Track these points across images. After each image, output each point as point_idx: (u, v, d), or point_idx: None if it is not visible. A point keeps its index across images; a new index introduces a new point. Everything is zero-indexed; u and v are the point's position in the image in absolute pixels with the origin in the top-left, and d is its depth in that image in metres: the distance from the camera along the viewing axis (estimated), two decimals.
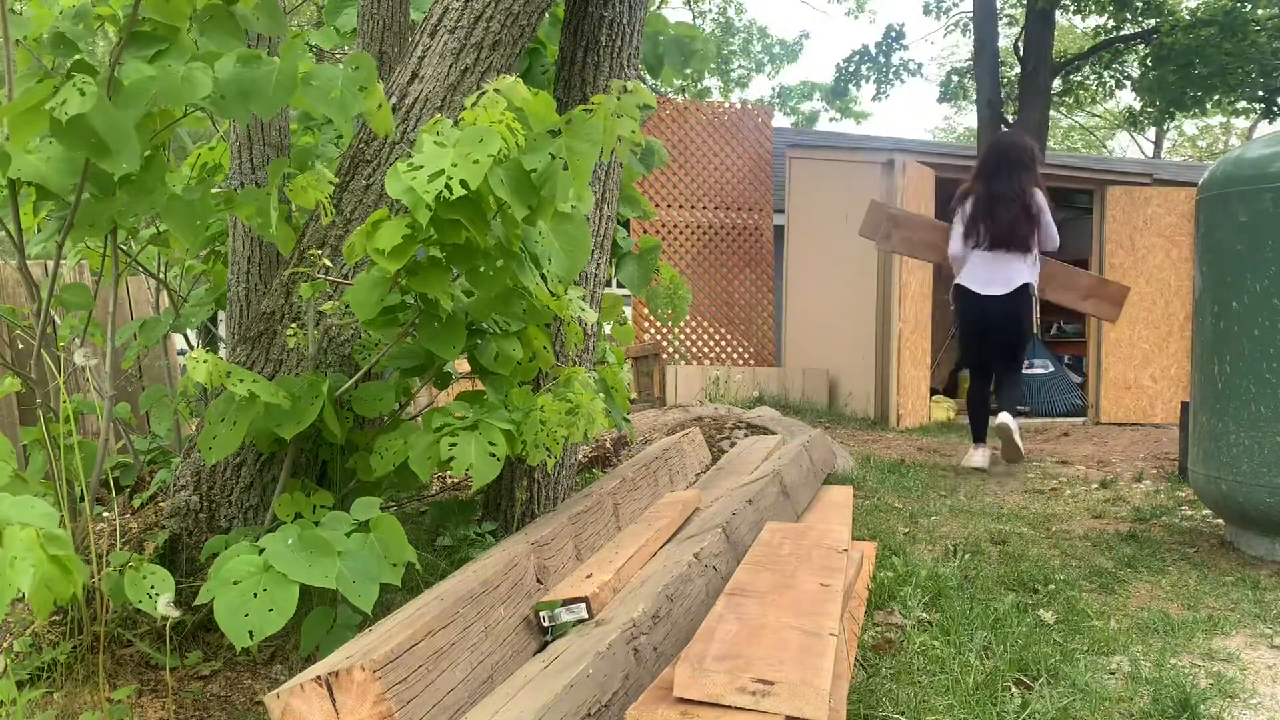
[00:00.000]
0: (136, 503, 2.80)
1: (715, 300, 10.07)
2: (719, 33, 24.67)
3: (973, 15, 12.45)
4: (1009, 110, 13.39)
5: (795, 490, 3.31)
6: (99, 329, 2.82)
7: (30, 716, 1.93)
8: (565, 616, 2.05)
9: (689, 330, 9.95)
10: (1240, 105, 12.62)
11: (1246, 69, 11.12)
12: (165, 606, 1.85)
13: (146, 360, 4.80)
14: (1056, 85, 13.86)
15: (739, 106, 10.65)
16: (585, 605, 2.05)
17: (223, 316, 3.18)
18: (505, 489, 2.99)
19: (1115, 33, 13.12)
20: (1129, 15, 12.48)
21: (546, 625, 2.06)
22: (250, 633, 1.75)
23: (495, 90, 2.05)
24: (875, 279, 7.84)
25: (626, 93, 2.12)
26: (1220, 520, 3.95)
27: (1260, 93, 11.77)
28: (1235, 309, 3.51)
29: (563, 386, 2.44)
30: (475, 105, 2.05)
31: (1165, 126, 24.21)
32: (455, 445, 2.20)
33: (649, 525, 2.71)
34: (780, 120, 26.20)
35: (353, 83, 2.16)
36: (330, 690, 1.52)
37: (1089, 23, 15.53)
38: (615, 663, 1.76)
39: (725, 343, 10.08)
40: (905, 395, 7.70)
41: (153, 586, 1.93)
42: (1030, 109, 11.63)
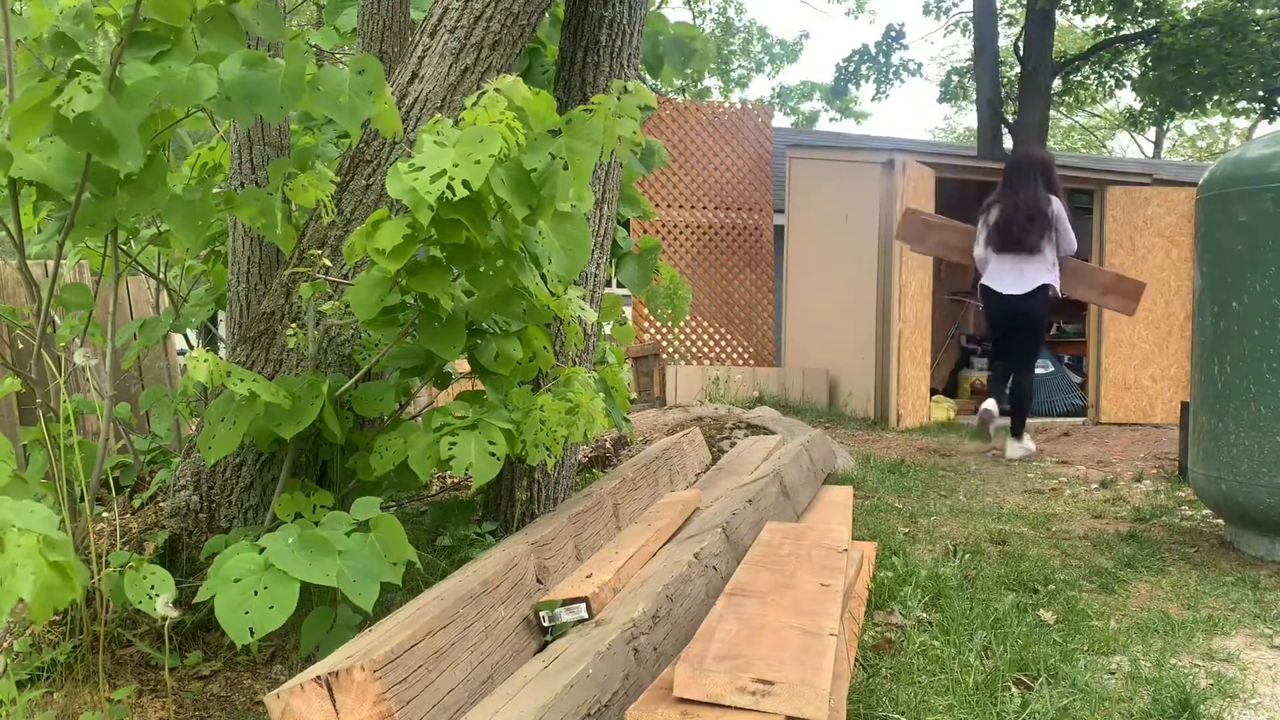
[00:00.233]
0: (136, 503, 2.81)
1: (715, 300, 10.07)
2: (719, 33, 24.67)
3: (973, 15, 12.47)
4: (1009, 110, 13.40)
5: (795, 490, 3.32)
6: (99, 329, 2.82)
7: (30, 716, 1.93)
8: (565, 616, 2.05)
9: (689, 330, 9.95)
10: (1240, 105, 12.63)
11: (1246, 69, 11.13)
12: (165, 606, 1.85)
13: (146, 360, 4.80)
14: (1056, 85, 13.86)
15: (739, 106, 10.65)
16: (585, 605, 2.05)
17: (223, 316, 3.18)
18: (505, 489, 2.99)
19: (1115, 33, 13.13)
20: (1129, 15, 12.49)
21: (546, 625, 2.06)
22: (251, 630, 1.75)
23: (496, 90, 2.05)
24: (875, 279, 7.84)
25: (627, 93, 2.12)
26: (1220, 520, 3.95)
27: (1260, 93, 11.78)
28: (1235, 309, 3.52)
29: (563, 386, 2.44)
30: (475, 105, 2.05)
31: (1165, 126, 24.22)
32: (455, 445, 2.20)
33: (649, 525, 2.72)
34: (780, 120, 26.21)
35: (360, 86, 2.16)
36: (330, 690, 1.52)
37: (1089, 23, 15.55)
38: (615, 663, 1.76)
39: (725, 343, 10.08)
40: (905, 395, 7.70)
41: (152, 586, 1.93)
42: (1030, 109, 11.64)
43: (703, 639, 1.73)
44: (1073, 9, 12.95)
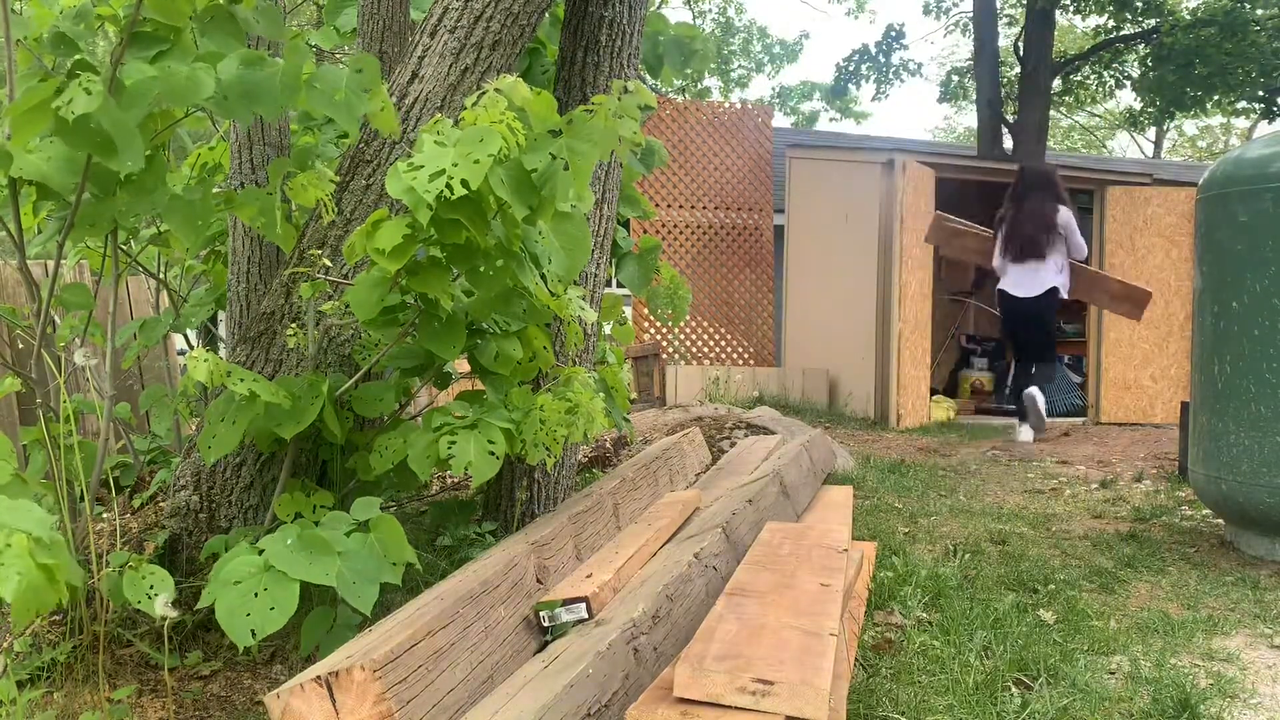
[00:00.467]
0: (136, 503, 2.81)
1: (715, 300, 10.07)
2: (719, 33, 24.66)
3: (973, 15, 12.47)
4: (1009, 110, 13.40)
5: (795, 490, 3.32)
6: (99, 329, 2.82)
7: (30, 716, 1.93)
8: (565, 616, 2.05)
9: (689, 330, 9.95)
10: (1240, 105, 12.62)
11: (1246, 69, 11.13)
12: (164, 606, 1.85)
13: (146, 360, 4.80)
14: (1056, 85, 13.86)
15: (739, 106, 10.65)
16: (585, 605, 2.05)
17: (223, 316, 3.18)
18: (505, 489, 2.99)
19: (1115, 33, 13.12)
20: (1129, 15, 12.49)
21: (546, 625, 2.06)
22: (252, 632, 1.75)
23: (496, 90, 2.05)
24: (875, 279, 7.84)
25: (627, 93, 2.12)
26: (1220, 520, 3.95)
27: (1260, 93, 11.78)
28: (1235, 309, 3.52)
29: (563, 386, 2.44)
30: (476, 105, 2.05)
31: (1165, 126, 24.21)
32: (454, 444, 2.20)
33: (649, 525, 2.71)
34: (780, 120, 26.19)
35: (357, 85, 2.16)
36: (330, 690, 1.52)
37: (1089, 23, 15.54)
38: (615, 663, 1.76)
39: (725, 343, 10.08)
40: (905, 395, 7.70)
41: (152, 586, 1.93)
42: (1030, 109, 11.64)
43: (703, 639, 1.73)
44: (1073, 9, 12.94)
